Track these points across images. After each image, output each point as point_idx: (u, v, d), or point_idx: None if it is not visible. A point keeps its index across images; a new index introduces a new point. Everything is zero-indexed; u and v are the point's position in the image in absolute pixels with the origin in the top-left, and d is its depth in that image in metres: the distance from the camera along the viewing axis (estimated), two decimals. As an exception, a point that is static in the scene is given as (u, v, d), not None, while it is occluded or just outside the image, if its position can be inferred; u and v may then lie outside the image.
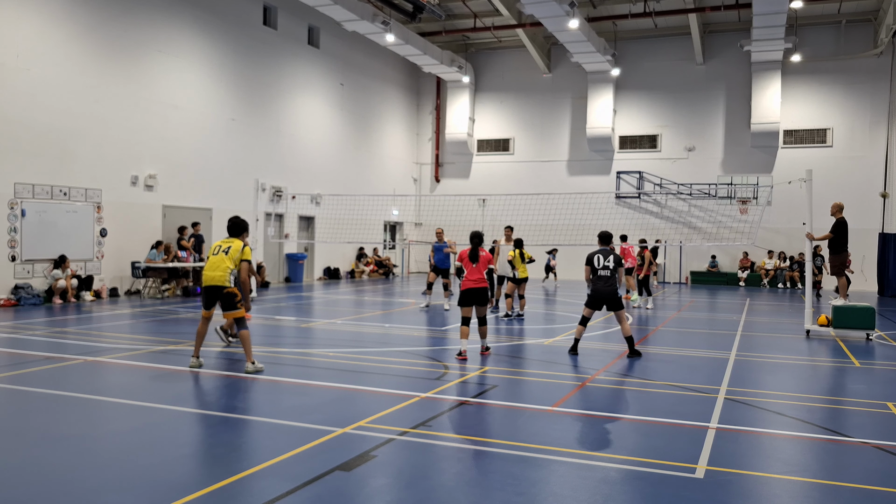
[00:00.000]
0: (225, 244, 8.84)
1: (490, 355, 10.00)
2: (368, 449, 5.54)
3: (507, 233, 15.46)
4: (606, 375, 8.89)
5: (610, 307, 10.24)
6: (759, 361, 10.23)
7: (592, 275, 10.30)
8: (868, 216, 25.71)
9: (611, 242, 10.60)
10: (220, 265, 8.67)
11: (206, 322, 8.85)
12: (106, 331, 11.94)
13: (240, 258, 8.70)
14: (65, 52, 16.62)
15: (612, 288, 10.18)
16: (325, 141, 26.16)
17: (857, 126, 26.58)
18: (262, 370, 8.56)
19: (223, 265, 8.68)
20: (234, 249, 8.72)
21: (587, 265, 10.35)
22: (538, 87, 30.84)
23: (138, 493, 4.64)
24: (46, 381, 7.93)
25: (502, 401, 7.36)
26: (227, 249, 8.76)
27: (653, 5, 25.40)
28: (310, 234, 25.43)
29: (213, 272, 8.66)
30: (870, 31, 26.30)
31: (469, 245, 10.24)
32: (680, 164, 28.55)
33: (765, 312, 17.39)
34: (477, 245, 10.17)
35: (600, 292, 10.19)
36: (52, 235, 16.29)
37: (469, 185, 31.41)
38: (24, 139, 15.72)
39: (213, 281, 8.66)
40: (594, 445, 5.97)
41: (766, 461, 5.61)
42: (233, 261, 8.70)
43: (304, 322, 13.80)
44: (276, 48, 23.41)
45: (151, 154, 18.82)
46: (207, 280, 8.70)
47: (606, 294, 10.17)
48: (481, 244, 10.25)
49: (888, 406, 7.44)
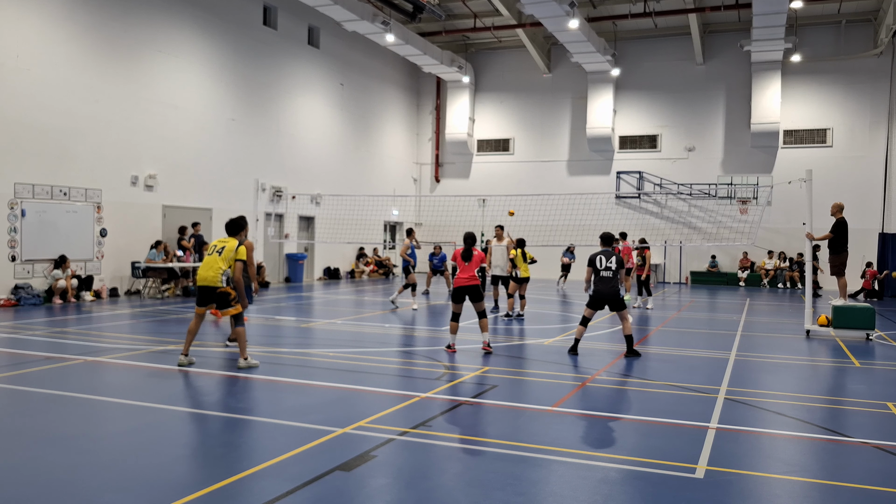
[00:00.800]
0: (220, 244, 8.95)
1: (491, 354, 10.02)
2: (368, 449, 5.54)
3: (497, 232, 15.51)
4: (606, 375, 8.89)
5: (612, 307, 10.28)
6: (759, 361, 10.23)
7: (595, 276, 10.35)
8: (868, 216, 25.70)
9: (612, 244, 10.64)
10: (213, 265, 8.80)
11: (199, 320, 8.96)
12: (106, 331, 11.94)
13: (234, 258, 8.78)
14: (65, 52, 16.62)
15: (614, 289, 10.22)
16: (325, 141, 26.16)
17: (857, 126, 26.58)
18: (256, 366, 8.68)
19: (216, 265, 8.79)
20: (228, 249, 8.85)
21: (589, 266, 10.40)
22: (538, 87, 30.83)
23: (138, 493, 4.64)
24: (46, 381, 7.93)
25: (502, 401, 7.36)
26: (220, 249, 8.88)
27: (653, 5, 25.39)
28: (310, 234, 25.43)
29: (206, 272, 8.80)
30: (870, 31, 26.30)
31: (463, 245, 10.62)
32: (680, 164, 28.55)
33: (765, 312, 17.39)
34: (470, 245, 10.55)
35: (602, 293, 10.23)
36: (52, 235, 16.29)
37: (469, 185, 31.41)
38: (24, 139, 15.72)
39: (205, 281, 8.80)
40: (594, 445, 5.97)
41: (766, 461, 5.61)
42: (226, 261, 8.80)
43: (304, 322, 13.80)
44: (276, 48, 23.42)
45: (151, 154, 18.82)
46: (201, 280, 8.83)
47: (608, 295, 10.21)
48: (474, 244, 10.61)
49: (888, 406, 7.45)
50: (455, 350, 10.22)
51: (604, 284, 10.23)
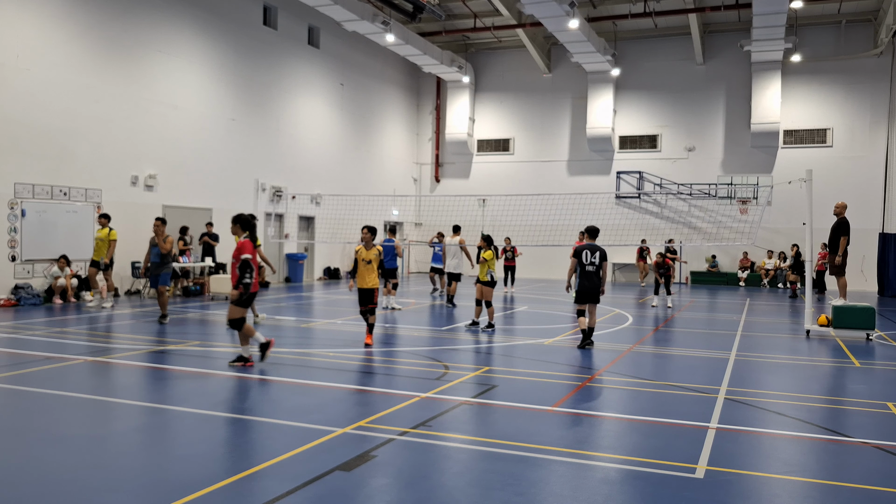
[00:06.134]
0: None
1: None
2: (368, 449, 5.54)
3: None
4: (606, 375, 8.89)
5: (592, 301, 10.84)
6: (759, 361, 10.23)
7: (579, 268, 10.80)
8: (868, 216, 25.70)
9: (597, 237, 11.13)
10: None
11: None
12: (106, 331, 11.94)
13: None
14: (65, 52, 16.62)
15: (595, 286, 10.76)
16: (325, 141, 26.16)
17: (857, 126, 26.58)
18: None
19: None
20: None
21: (574, 258, 10.87)
22: (538, 87, 30.84)
23: (138, 493, 4.64)
24: (46, 381, 7.93)
25: (502, 401, 7.36)
26: None
27: (653, 5, 25.40)
28: (310, 234, 25.43)
29: None
30: (870, 31, 26.30)
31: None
32: (680, 164, 28.55)
33: (765, 312, 17.39)
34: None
35: (586, 288, 10.75)
36: (52, 235, 16.29)
37: (469, 185, 31.41)
38: (24, 139, 15.72)
39: None
40: (594, 445, 5.97)
41: (766, 461, 5.61)
42: None
43: (304, 322, 13.80)
44: (276, 48, 23.42)
45: (151, 154, 18.82)
46: None
47: (592, 291, 10.75)
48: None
49: (888, 406, 7.45)
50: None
51: (588, 280, 10.74)
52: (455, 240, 17.22)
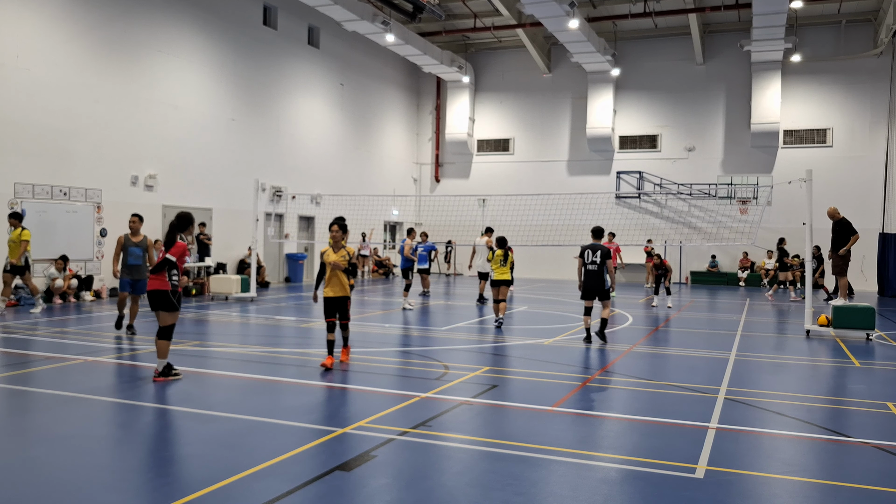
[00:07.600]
0: None
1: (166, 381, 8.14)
2: (368, 449, 5.54)
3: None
4: (606, 375, 8.89)
5: (599, 298, 11.32)
6: (759, 361, 10.23)
7: (584, 268, 11.37)
8: (868, 216, 25.68)
9: (601, 237, 11.68)
10: None
11: None
12: (106, 331, 11.94)
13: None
14: (65, 52, 16.62)
15: (598, 283, 11.23)
16: (325, 141, 26.16)
17: (857, 126, 26.57)
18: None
19: None
20: None
21: (579, 257, 11.43)
22: (538, 87, 30.83)
23: (137, 493, 4.64)
24: (46, 381, 7.93)
25: (502, 401, 7.36)
26: None
27: (653, 5, 25.39)
28: (310, 234, 25.43)
29: None
30: (870, 31, 26.29)
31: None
32: (680, 164, 28.54)
33: (765, 312, 17.39)
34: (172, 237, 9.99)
35: (588, 286, 11.28)
36: (52, 235, 16.28)
37: (469, 185, 31.40)
38: (24, 139, 15.71)
39: None
40: (594, 445, 5.97)
41: (766, 461, 5.61)
42: None
43: (304, 322, 13.80)
44: (276, 48, 23.41)
45: (151, 154, 18.82)
46: None
47: (593, 287, 11.24)
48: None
49: (888, 406, 7.44)
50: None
51: (589, 278, 11.27)
52: (484, 240, 17.84)
